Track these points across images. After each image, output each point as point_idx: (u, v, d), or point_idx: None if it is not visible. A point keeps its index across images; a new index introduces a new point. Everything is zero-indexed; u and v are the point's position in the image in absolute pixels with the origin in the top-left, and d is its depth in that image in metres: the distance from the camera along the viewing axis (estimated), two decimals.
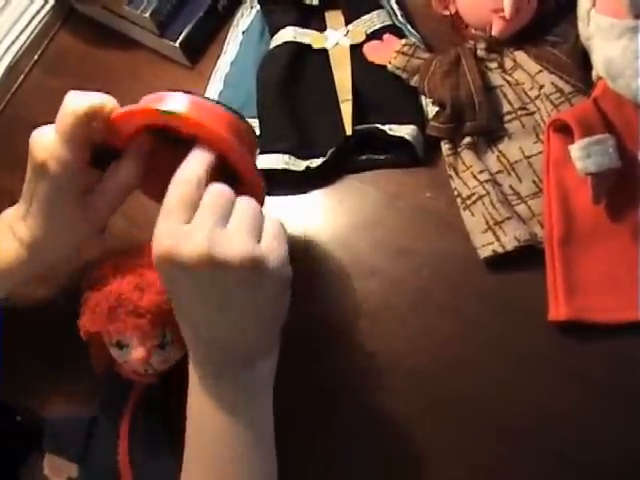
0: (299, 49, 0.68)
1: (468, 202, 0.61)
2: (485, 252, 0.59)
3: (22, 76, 0.78)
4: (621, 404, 0.55)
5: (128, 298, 0.51)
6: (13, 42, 0.78)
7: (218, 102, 0.48)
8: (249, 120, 0.68)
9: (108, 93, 0.72)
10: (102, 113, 0.49)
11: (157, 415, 0.57)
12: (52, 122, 0.74)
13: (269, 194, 0.65)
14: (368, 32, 0.68)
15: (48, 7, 0.79)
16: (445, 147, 0.63)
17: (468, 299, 0.59)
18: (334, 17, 0.69)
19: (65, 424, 0.59)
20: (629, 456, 0.53)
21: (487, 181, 0.60)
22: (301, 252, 0.63)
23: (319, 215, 0.65)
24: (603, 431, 0.54)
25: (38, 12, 0.79)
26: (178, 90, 0.47)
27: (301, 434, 0.56)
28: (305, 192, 0.66)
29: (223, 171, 0.47)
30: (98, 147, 0.51)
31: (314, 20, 0.69)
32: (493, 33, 0.63)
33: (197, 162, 0.46)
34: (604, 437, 0.54)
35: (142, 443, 0.56)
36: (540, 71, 0.62)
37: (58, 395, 0.63)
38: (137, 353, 0.52)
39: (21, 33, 0.78)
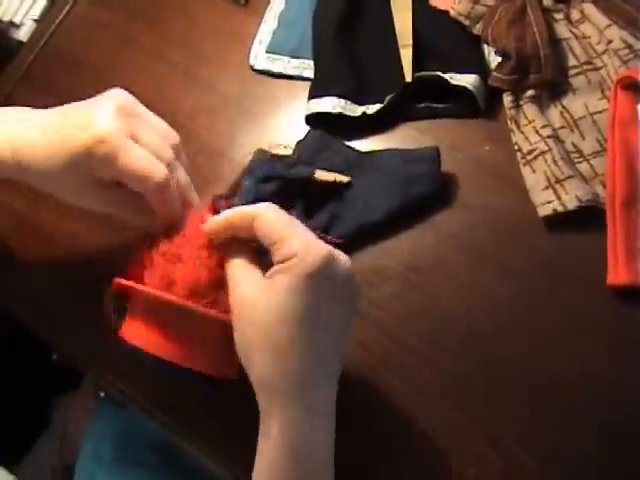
0: None
1: (529, 157, 0.59)
2: (545, 210, 0.57)
3: (67, 7, 0.76)
4: None
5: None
6: None
7: None
8: (304, 61, 0.66)
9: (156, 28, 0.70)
10: None
11: None
12: (93, 58, 0.73)
13: None
14: None
15: None
16: (507, 99, 0.61)
17: (524, 259, 0.57)
18: None
19: None
20: None
21: (550, 137, 0.58)
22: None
23: None
24: None
25: None
26: None
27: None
28: (360, 139, 0.64)
29: None
30: None
31: None
32: None
33: None
34: None
35: None
36: (609, 25, 0.60)
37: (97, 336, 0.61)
38: None
39: None
